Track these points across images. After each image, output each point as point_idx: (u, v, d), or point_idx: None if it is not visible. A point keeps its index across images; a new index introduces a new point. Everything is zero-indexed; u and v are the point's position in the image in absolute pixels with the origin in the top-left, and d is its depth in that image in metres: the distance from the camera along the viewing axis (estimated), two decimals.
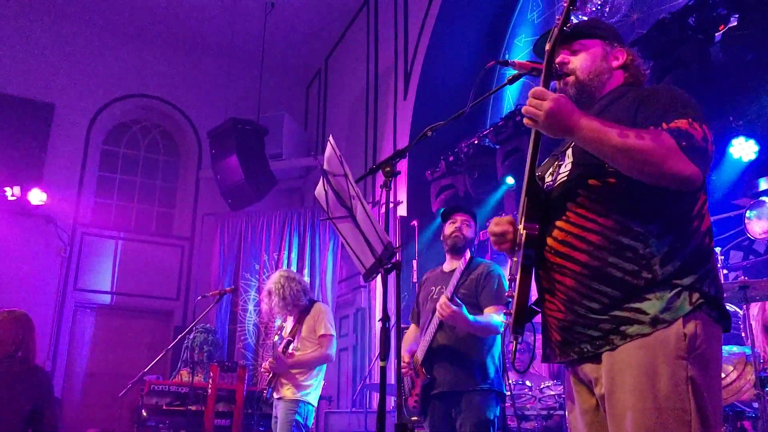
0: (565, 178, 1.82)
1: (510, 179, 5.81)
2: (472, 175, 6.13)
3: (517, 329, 1.75)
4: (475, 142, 6.12)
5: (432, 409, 3.34)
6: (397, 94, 7.67)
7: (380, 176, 2.41)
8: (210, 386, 5.01)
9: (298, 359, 4.45)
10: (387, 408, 2.11)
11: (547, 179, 1.90)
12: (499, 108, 6.97)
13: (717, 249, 3.89)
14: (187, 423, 5.20)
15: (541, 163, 2.00)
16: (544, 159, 2.01)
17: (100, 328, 9.25)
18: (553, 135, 1.69)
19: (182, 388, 5.32)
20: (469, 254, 3.20)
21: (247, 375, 6.03)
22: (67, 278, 9.01)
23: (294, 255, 8.34)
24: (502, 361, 3.37)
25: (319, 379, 4.55)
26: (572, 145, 1.84)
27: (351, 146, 8.61)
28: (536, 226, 1.76)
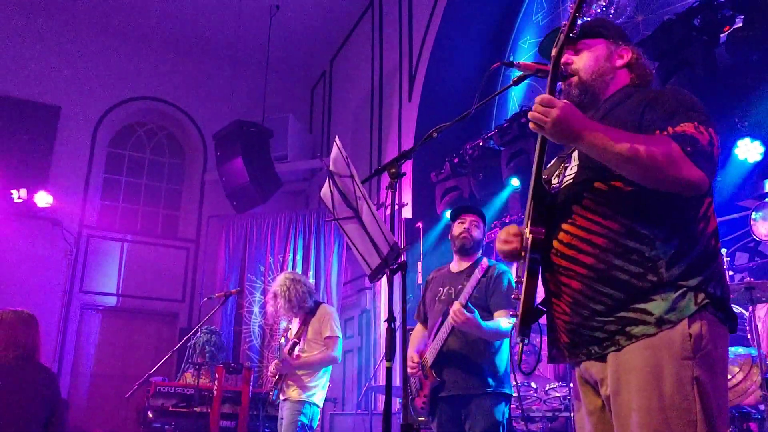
0: (571, 180, 1.82)
1: (515, 181, 5.79)
2: (477, 177, 6.13)
3: (524, 330, 1.75)
4: (480, 143, 6.12)
5: (441, 410, 3.34)
6: (402, 95, 7.68)
7: (385, 178, 2.41)
8: (215, 388, 5.02)
9: (304, 361, 4.46)
10: (393, 409, 2.11)
11: (554, 181, 1.90)
12: (504, 110, 6.97)
13: (723, 250, 3.88)
14: (193, 424, 5.21)
15: (548, 164, 1.99)
16: (550, 161, 2.01)
17: (106, 330, 9.29)
18: (559, 142, 1.69)
19: (188, 390, 5.33)
20: (487, 262, 3.21)
21: (253, 377, 6.03)
22: (73, 280, 9.05)
23: (299, 257, 8.34)
24: (509, 363, 3.38)
25: (324, 380, 4.56)
26: None
27: (356, 148, 8.61)
28: (542, 230, 1.76)
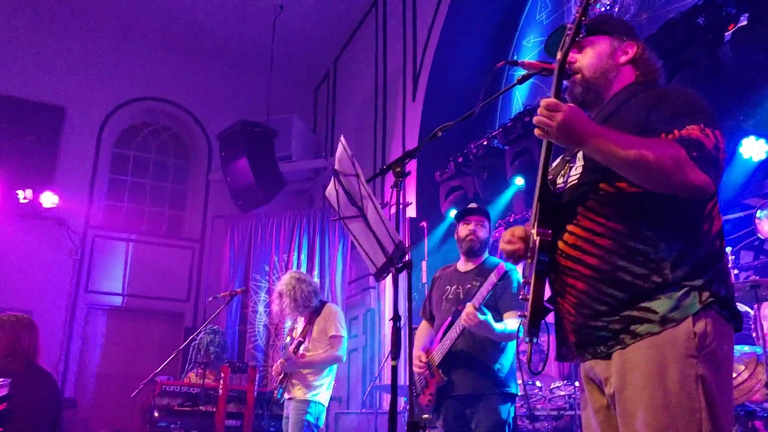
0: (576, 181, 1.82)
1: (519, 180, 5.78)
2: (481, 176, 6.13)
3: (534, 331, 1.76)
4: (484, 143, 6.11)
5: (447, 409, 3.36)
6: (406, 95, 7.68)
7: (389, 178, 2.42)
8: (221, 387, 5.04)
9: (309, 360, 4.48)
10: (398, 408, 2.12)
11: (559, 182, 1.89)
12: (508, 109, 6.96)
13: (728, 249, 3.87)
14: (198, 423, 5.23)
15: (553, 164, 1.99)
16: (555, 160, 2.01)
17: (111, 330, 9.32)
18: (565, 146, 1.70)
19: (193, 389, 5.35)
20: (504, 267, 3.22)
21: (258, 376, 6.04)
22: (79, 280, 9.08)
23: (303, 256, 8.35)
24: (514, 362, 3.39)
25: (329, 379, 4.57)
26: None
27: (360, 148, 8.61)
28: (549, 232, 1.76)
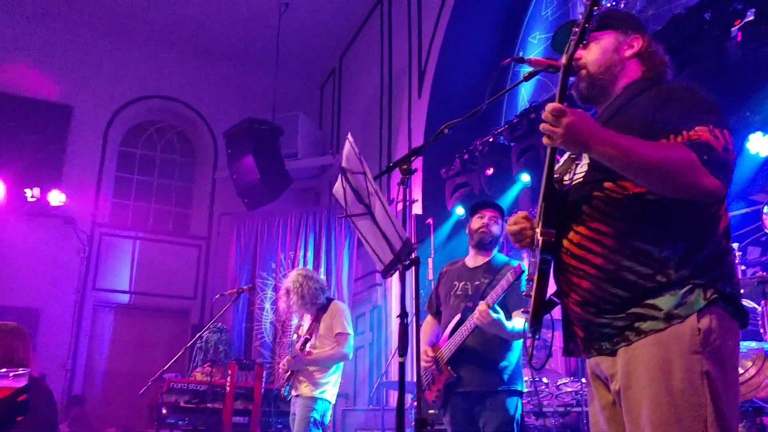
0: (581, 179, 1.82)
1: (525, 176, 5.77)
2: (487, 173, 6.12)
3: (535, 326, 1.77)
4: (490, 139, 6.10)
5: (454, 405, 3.37)
6: (412, 92, 7.68)
7: (395, 175, 2.42)
8: (228, 384, 5.06)
9: (315, 357, 4.49)
10: (405, 405, 2.13)
11: (565, 179, 1.89)
12: (514, 105, 6.95)
13: (735, 245, 3.86)
14: (206, 420, 5.26)
15: (560, 161, 1.98)
16: (562, 158, 2.00)
17: (118, 328, 9.36)
18: (571, 151, 1.69)
19: (201, 386, 5.37)
20: (521, 267, 3.21)
21: (265, 373, 6.07)
22: (86, 278, 9.13)
23: (310, 254, 8.37)
24: (521, 359, 3.40)
25: (336, 376, 4.58)
26: None
27: (365, 145, 8.61)
28: (553, 232, 1.76)
